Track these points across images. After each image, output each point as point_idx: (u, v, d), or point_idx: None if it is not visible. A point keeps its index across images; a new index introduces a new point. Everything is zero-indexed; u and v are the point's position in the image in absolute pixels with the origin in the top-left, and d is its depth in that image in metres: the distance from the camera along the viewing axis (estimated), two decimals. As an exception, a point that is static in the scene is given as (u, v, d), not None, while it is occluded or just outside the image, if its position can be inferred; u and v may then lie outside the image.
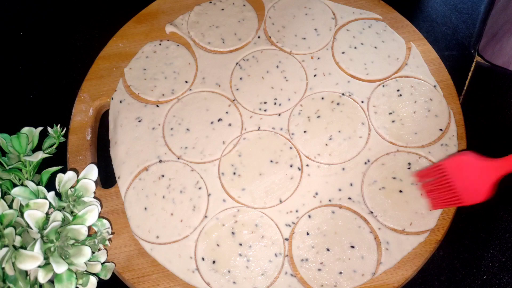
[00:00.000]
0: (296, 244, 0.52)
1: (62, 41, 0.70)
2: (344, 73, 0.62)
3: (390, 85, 0.61)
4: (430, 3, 0.73)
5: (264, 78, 0.61)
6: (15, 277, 0.42)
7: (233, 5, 0.67)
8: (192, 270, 0.51)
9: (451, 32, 0.70)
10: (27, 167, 0.50)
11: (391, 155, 0.56)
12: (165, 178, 0.55)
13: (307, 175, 0.55)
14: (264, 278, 0.50)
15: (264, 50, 0.63)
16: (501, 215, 0.57)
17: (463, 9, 0.72)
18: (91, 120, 0.59)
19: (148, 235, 0.52)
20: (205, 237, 0.52)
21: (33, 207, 0.44)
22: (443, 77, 0.61)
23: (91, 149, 0.58)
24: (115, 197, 0.55)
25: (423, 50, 0.63)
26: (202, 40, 0.64)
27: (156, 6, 0.67)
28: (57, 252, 0.43)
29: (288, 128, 0.58)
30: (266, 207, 0.54)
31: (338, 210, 0.53)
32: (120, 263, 0.51)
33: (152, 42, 0.64)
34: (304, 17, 0.66)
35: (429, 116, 0.58)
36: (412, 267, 0.51)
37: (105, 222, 0.49)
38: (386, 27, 0.65)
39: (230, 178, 0.55)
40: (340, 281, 0.50)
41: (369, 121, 0.58)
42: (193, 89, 0.61)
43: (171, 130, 0.58)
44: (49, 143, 0.54)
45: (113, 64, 0.63)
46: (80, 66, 0.65)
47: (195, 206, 0.53)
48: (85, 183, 0.49)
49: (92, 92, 0.61)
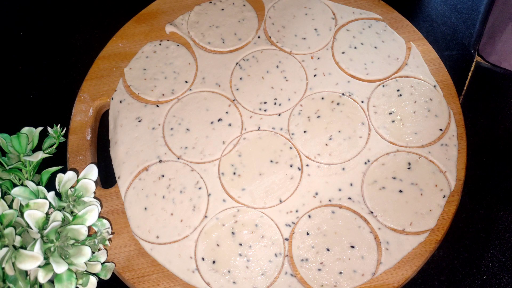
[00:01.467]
0: (296, 244, 0.52)
1: (62, 41, 0.70)
2: (344, 73, 0.62)
3: (390, 85, 0.61)
4: (430, 3, 0.73)
5: (264, 78, 0.61)
6: (15, 277, 0.42)
7: (233, 5, 0.67)
8: (192, 270, 0.51)
9: (451, 32, 0.70)
10: (27, 167, 0.50)
11: (391, 155, 0.56)
12: (165, 178, 0.55)
13: (307, 175, 0.55)
14: (264, 278, 0.50)
15: (264, 50, 0.63)
16: (501, 215, 0.57)
17: (463, 9, 0.72)
18: (91, 120, 0.59)
19: (148, 235, 0.52)
20: (205, 237, 0.52)
21: (33, 207, 0.44)
22: (443, 77, 0.61)
23: (91, 149, 0.58)
24: (115, 197, 0.55)
25: (423, 50, 0.63)
26: (202, 40, 0.64)
27: (156, 6, 0.67)
28: (57, 252, 0.43)
29: (288, 128, 0.58)
30: (266, 207, 0.54)
31: (338, 210, 0.53)
32: (120, 263, 0.51)
33: (152, 42, 0.64)
34: (304, 17, 0.66)
35: (429, 116, 0.58)
36: (412, 267, 0.51)
37: (105, 222, 0.49)
38: (386, 27, 0.65)
39: (230, 178, 0.55)
40: (340, 281, 0.50)
41: (369, 121, 0.58)
42: (193, 89, 0.61)
43: (171, 130, 0.58)
44: (49, 143, 0.54)
45: (113, 64, 0.63)
46: (80, 66, 0.65)
47: (195, 206, 0.53)
48: (85, 183, 0.49)
49: (92, 92, 0.61)
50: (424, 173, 0.55)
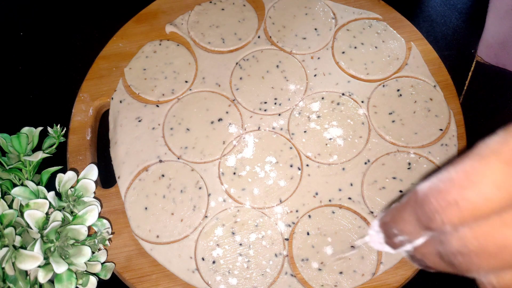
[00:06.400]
0: (296, 244, 0.52)
1: (62, 41, 0.70)
2: (344, 73, 0.62)
3: (390, 85, 0.61)
4: (430, 3, 0.73)
5: (264, 78, 0.61)
6: (15, 277, 0.42)
7: (233, 5, 0.67)
8: (192, 270, 0.51)
9: (451, 32, 0.70)
10: (27, 167, 0.50)
11: (391, 155, 0.56)
12: (165, 178, 0.55)
13: (307, 175, 0.55)
14: (264, 278, 0.50)
15: (264, 50, 0.63)
16: (501, 215, 0.57)
17: (463, 9, 0.72)
18: (91, 120, 0.59)
19: (148, 235, 0.52)
20: (205, 237, 0.52)
21: (33, 207, 0.44)
22: (443, 77, 0.61)
23: (91, 149, 0.58)
24: (115, 197, 0.55)
25: (423, 50, 0.63)
26: (202, 40, 0.64)
27: (156, 6, 0.67)
28: (57, 252, 0.43)
29: (288, 128, 0.58)
30: (266, 207, 0.54)
31: (338, 210, 0.53)
32: (120, 263, 0.51)
33: (152, 42, 0.64)
34: (304, 17, 0.66)
35: (429, 116, 0.58)
36: (412, 267, 0.51)
37: (105, 222, 0.49)
38: (386, 27, 0.65)
39: (230, 178, 0.55)
40: (340, 281, 0.50)
41: (369, 121, 0.58)
42: (193, 89, 0.61)
43: (171, 130, 0.58)
44: (49, 143, 0.54)
45: (113, 64, 0.63)
46: (80, 66, 0.65)
47: (196, 206, 0.53)
48: (85, 183, 0.49)
49: (92, 92, 0.61)
50: (424, 173, 0.55)
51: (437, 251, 0.23)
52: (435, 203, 0.21)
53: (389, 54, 0.63)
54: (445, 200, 0.21)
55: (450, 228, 0.21)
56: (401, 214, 0.24)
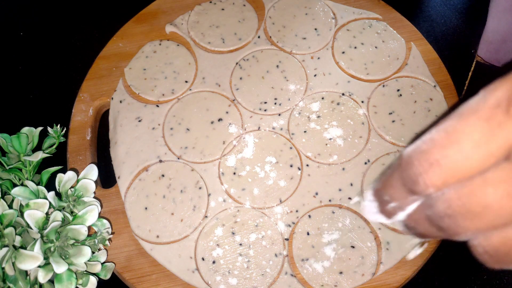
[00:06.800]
0: (296, 244, 0.52)
1: (62, 41, 0.70)
2: (344, 73, 0.62)
3: (390, 85, 0.61)
4: (430, 3, 0.73)
5: (264, 78, 0.61)
6: (15, 277, 0.42)
7: (233, 5, 0.67)
8: (192, 270, 0.51)
9: (451, 32, 0.70)
10: (27, 167, 0.50)
11: (391, 155, 0.56)
12: (165, 178, 0.55)
13: (307, 175, 0.55)
14: (264, 278, 0.50)
15: (264, 50, 0.63)
16: (501, 215, 0.57)
17: (463, 9, 0.72)
18: (91, 120, 0.59)
19: (148, 235, 0.52)
20: (205, 237, 0.52)
21: (33, 207, 0.44)
22: (443, 77, 0.61)
23: (91, 149, 0.58)
24: (115, 197, 0.55)
25: (423, 50, 0.63)
26: (202, 40, 0.64)
27: (156, 6, 0.67)
28: (57, 252, 0.43)
29: (288, 128, 0.58)
30: (266, 207, 0.54)
31: (338, 210, 0.53)
32: (120, 263, 0.51)
33: (152, 42, 0.64)
34: (304, 17, 0.66)
35: (429, 116, 0.58)
36: (412, 267, 0.51)
37: (105, 222, 0.49)
38: (386, 27, 0.65)
39: (230, 178, 0.55)
40: (340, 281, 0.50)
41: (369, 121, 0.58)
42: (193, 89, 0.61)
43: (171, 130, 0.58)
44: (49, 143, 0.54)
45: (113, 64, 0.63)
46: (80, 66, 0.65)
47: (196, 206, 0.53)
48: (85, 183, 0.49)
49: (92, 92, 0.61)
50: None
51: (426, 215, 0.23)
52: (417, 165, 0.21)
53: (389, 54, 0.63)
54: (427, 161, 0.21)
55: (434, 191, 0.21)
56: (390, 179, 0.23)
